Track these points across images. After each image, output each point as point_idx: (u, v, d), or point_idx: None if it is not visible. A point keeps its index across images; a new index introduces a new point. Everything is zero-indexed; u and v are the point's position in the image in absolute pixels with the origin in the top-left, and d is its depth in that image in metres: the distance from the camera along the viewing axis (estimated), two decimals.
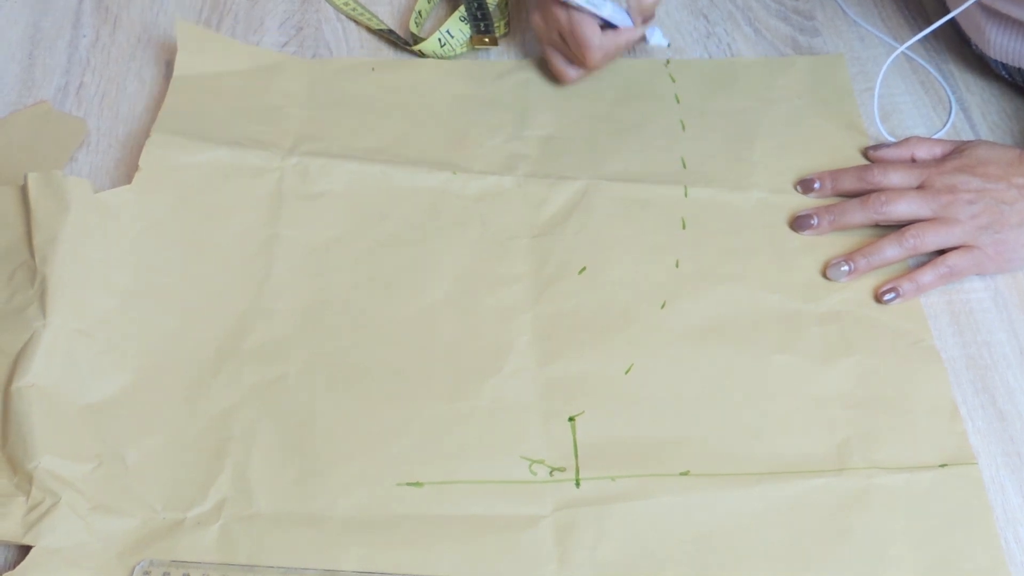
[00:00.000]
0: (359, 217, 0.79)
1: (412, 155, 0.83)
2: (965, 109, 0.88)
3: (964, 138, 0.85)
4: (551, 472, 0.67)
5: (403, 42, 0.91)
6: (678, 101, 0.88)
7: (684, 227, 0.80)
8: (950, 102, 0.88)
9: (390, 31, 0.91)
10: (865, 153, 0.83)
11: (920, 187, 0.77)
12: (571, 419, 0.69)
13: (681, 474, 0.67)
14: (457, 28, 0.89)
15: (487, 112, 0.86)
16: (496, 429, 0.69)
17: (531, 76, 0.89)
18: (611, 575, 0.63)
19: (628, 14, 0.82)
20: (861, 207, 0.77)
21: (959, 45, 0.92)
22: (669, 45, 0.87)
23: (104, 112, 0.86)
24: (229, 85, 0.86)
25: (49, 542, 0.62)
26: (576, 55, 0.84)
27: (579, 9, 0.80)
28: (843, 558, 0.64)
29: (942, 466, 0.67)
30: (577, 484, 0.67)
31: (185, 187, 0.79)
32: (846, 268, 0.75)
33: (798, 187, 0.80)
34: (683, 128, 0.86)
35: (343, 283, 0.75)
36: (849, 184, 0.79)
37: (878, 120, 0.84)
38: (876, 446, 0.68)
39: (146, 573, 0.62)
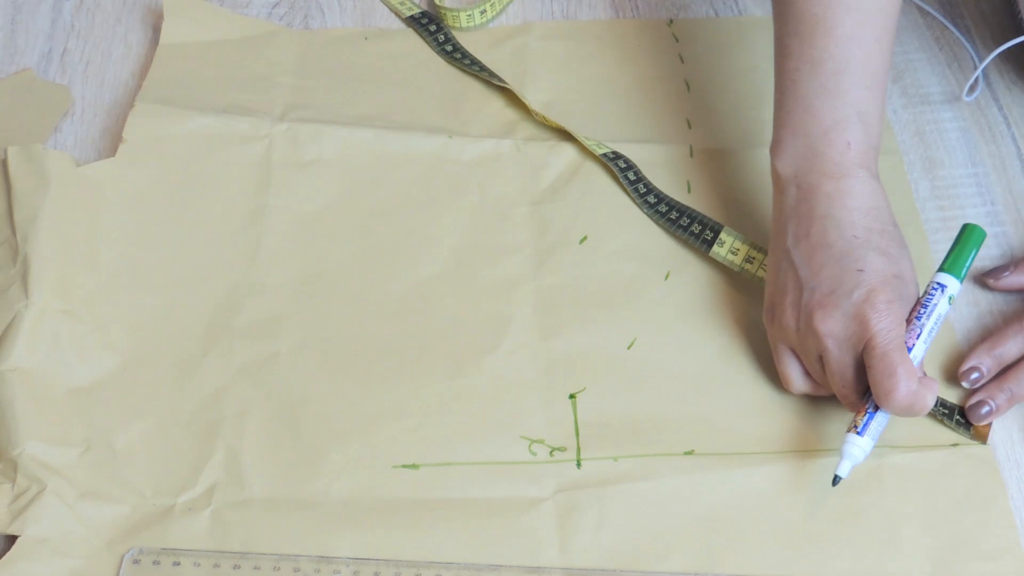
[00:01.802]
0: (352, 185, 0.77)
1: (406, 120, 0.81)
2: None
3: (981, 101, 0.83)
4: (551, 452, 0.65)
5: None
6: (682, 61, 0.85)
7: (689, 191, 0.78)
8: (973, 59, 0.84)
9: (423, 13, 0.88)
10: (985, 282, 0.71)
11: None
12: (572, 396, 0.67)
13: (685, 453, 0.65)
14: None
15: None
16: (495, 408, 0.67)
17: (528, 41, 0.86)
18: (614, 559, 0.61)
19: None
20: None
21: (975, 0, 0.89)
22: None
23: (89, 79, 0.83)
24: (217, 54, 0.83)
25: (35, 531, 0.60)
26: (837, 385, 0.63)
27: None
28: (854, 539, 0.62)
29: (954, 445, 0.65)
30: (578, 465, 0.65)
31: (171, 158, 0.77)
32: (987, 410, 0.65)
33: (964, 383, 0.66)
34: (688, 88, 0.84)
35: (336, 255, 0.73)
36: (1015, 352, 0.66)
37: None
38: (888, 423, 0.66)
39: (136, 561, 0.60)
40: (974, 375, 0.66)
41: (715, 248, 0.72)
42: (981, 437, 0.66)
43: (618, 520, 0.63)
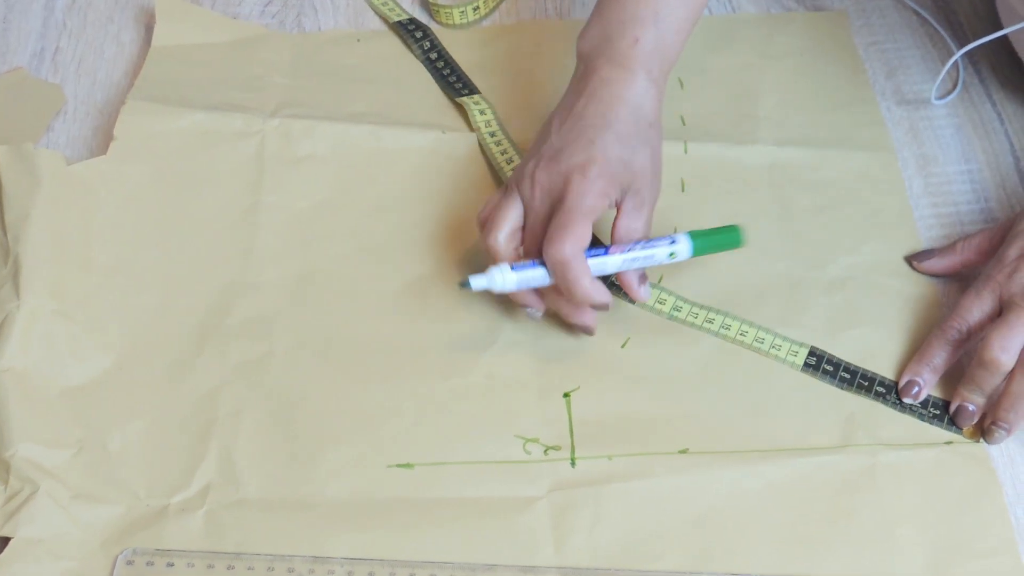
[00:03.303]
0: (346, 181, 0.77)
1: (400, 117, 0.80)
2: (975, 63, 0.85)
3: (974, 97, 0.83)
4: (546, 451, 0.65)
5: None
6: None
7: (683, 190, 0.77)
8: (958, 61, 0.84)
9: (411, 19, 0.88)
10: (910, 262, 0.73)
11: (1002, 306, 0.66)
12: (566, 395, 0.67)
13: (680, 452, 0.65)
14: None
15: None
16: (490, 407, 0.67)
17: (521, 40, 0.86)
18: (609, 558, 0.61)
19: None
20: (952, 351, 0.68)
21: None
22: None
23: (81, 78, 0.83)
24: (209, 56, 0.83)
25: (29, 533, 0.60)
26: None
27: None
28: (849, 538, 0.62)
29: (948, 443, 0.65)
30: (573, 463, 0.65)
31: (163, 155, 0.76)
32: (917, 389, 0.67)
33: (906, 399, 0.67)
34: (682, 86, 0.83)
35: (330, 253, 0.73)
36: (947, 358, 0.68)
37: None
38: (881, 422, 0.66)
39: (130, 563, 0.60)
40: (914, 389, 0.67)
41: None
42: (974, 435, 0.66)
43: (613, 519, 0.63)
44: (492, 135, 0.79)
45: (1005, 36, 0.81)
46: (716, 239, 0.67)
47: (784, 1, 0.89)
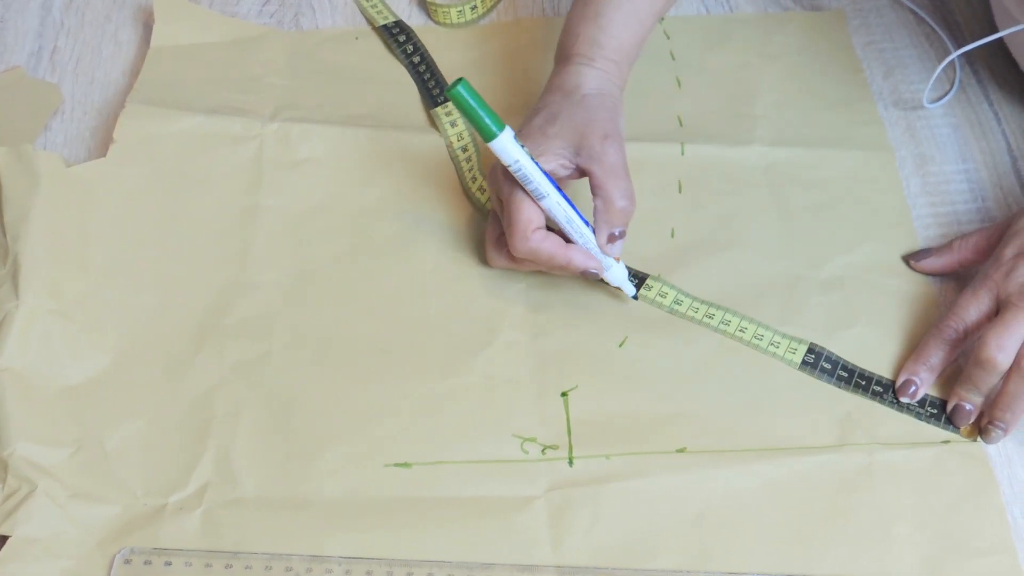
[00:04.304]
0: (343, 183, 0.77)
1: (397, 119, 0.80)
2: (972, 63, 0.85)
3: (971, 97, 0.83)
4: (543, 450, 0.65)
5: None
6: (673, 58, 0.85)
7: (680, 191, 0.77)
8: (955, 62, 0.84)
9: (396, 23, 0.88)
10: (907, 261, 0.74)
11: (998, 306, 0.66)
12: (564, 394, 0.67)
13: (677, 451, 0.65)
14: None
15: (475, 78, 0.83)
16: (487, 406, 0.67)
17: (518, 38, 0.86)
18: (607, 558, 0.61)
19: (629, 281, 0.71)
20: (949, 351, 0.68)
21: None
22: (636, 297, 0.71)
23: (79, 78, 0.83)
24: (207, 56, 0.83)
25: (26, 531, 0.60)
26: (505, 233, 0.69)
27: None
28: (846, 537, 0.62)
29: (945, 442, 0.65)
30: (570, 463, 0.65)
31: (162, 158, 0.76)
32: (914, 389, 0.68)
33: (903, 399, 0.67)
34: (679, 85, 0.84)
35: (328, 254, 0.73)
36: (944, 358, 0.68)
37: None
38: (878, 421, 0.66)
39: (127, 562, 0.60)
40: (911, 388, 0.67)
41: (642, 292, 0.72)
42: (971, 434, 0.66)
43: (611, 518, 0.63)
44: (463, 149, 0.79)
45: (1002, 37, 0.81)
46: (475, 111, 0.65)
47: (781, 0, 0.89)
